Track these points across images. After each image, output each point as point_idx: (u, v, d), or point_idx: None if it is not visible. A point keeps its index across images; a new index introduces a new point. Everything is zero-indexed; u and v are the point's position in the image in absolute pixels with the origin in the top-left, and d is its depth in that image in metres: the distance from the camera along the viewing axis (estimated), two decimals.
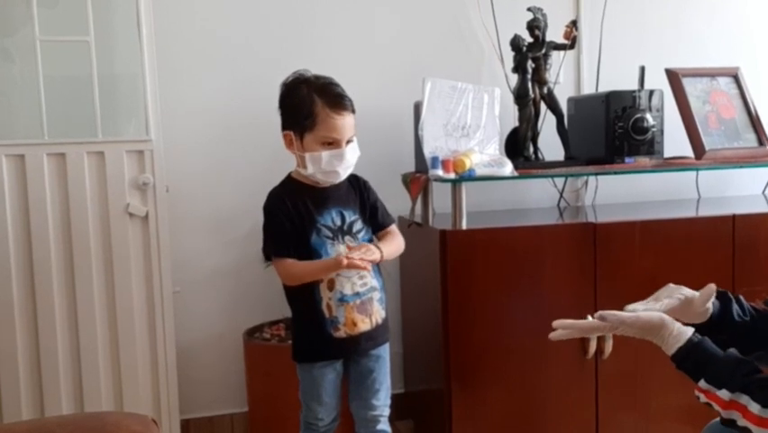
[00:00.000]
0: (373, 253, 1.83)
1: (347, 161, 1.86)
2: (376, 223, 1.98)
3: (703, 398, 1.23)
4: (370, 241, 1.94)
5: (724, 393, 1.19)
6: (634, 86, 2.44)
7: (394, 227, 2.03)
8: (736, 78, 2.62)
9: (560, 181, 2.79)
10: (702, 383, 1.23)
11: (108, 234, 2.22)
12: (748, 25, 2.99)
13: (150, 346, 2.28)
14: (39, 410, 2.21)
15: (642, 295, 2.24)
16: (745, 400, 1.16)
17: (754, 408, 1.14)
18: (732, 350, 1.25)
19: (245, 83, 2.54)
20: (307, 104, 1.82)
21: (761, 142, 2.55)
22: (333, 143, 1.83)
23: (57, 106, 2.19)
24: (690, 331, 1.28)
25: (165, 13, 2.39)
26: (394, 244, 1.97)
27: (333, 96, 1.83)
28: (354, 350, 1.90)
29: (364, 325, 1.89)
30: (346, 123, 1.84)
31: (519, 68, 2.41)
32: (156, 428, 1.42)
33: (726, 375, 1.20)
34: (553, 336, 1.37)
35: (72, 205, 2.19)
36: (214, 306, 2.59)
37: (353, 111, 1.86)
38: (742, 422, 1.16)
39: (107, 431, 1.32)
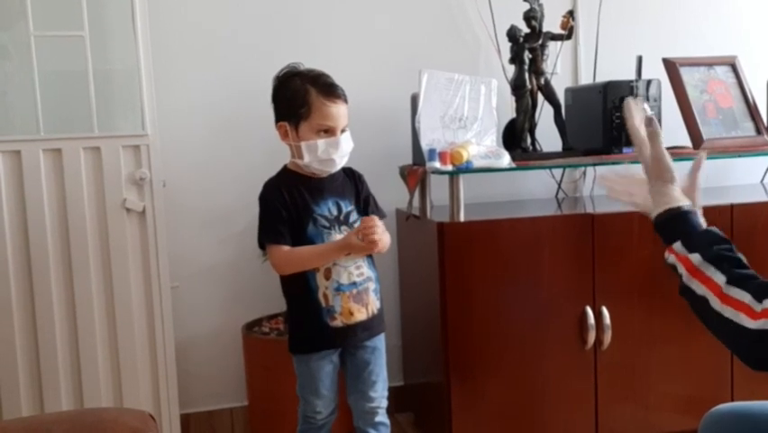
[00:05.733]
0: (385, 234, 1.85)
1: (342, 150, 1.87)
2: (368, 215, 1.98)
3: (672, 259, 1.21)
4: None
5: (695, 257, 1.17)
6: (631, 76, 2.43)
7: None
8: (734, 67, 2.60)
9: (557, 172, 2.78)
10: (677, 245, 1.21)
11: (105, 229, 2.21)
12: (745, 14, 2.98)
13: (148, 342, 2.28)
14: (38, 407, 2.21)
15: (641, 286, 2.26)
16: (712, 271, 1.14)
17: (720, 279, 1.13)
18: (715, 228, 1.22)
19: (241, 77, 2.53)
20: (301, 93, 1.84)
21: (759, 131, 2.54)
22: (328, 131, 1.85)
23: (52, 102, 2.18)
24: (686, 201, 1.26)
25: (160, 8, 2.39)
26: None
27: (327, 86, 1.86)
28: (350, 340, 1.90)
29: (360, 314, 1.89)
30: (340, 111, 1.86)
31: (516, 59, 2.40)
32: (153, 423, 1.42)
33: (703, 243, 1.18)
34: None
35: (69, 201, 2.18)
36: (212, 300, 2.59)
37: (346, 101, 1.89)
38: (701, 291, 1.15)
39: (104, 428, 1.31)
